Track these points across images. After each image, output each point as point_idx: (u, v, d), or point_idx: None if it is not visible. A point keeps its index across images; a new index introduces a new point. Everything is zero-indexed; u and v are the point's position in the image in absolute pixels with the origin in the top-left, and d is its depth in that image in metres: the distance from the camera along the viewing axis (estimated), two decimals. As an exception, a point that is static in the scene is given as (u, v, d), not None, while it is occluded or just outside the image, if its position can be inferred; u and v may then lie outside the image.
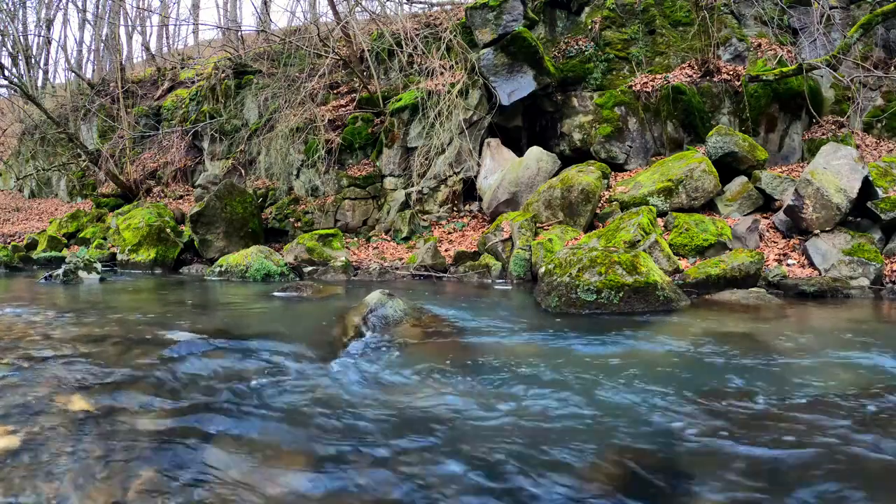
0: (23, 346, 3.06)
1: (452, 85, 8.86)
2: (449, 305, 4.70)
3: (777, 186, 7.07)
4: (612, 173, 8.45)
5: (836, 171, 6.32)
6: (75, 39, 37.13)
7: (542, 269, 5.02)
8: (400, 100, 9.33)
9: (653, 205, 7.04)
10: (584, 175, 7.51)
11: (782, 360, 3.03)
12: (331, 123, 10.02)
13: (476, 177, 8.83)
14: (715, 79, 8.53)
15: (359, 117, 10.01)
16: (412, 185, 9.09)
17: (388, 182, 9.44)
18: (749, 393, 2.50)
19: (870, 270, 5.64)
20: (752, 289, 5.31)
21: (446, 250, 7.90)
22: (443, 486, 1.71)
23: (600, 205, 7.64)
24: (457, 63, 9.27)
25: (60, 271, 6.65)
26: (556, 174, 8.00)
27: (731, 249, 6.21)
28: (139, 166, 12.81)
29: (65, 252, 10.01)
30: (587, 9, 9.74)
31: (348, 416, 2.23)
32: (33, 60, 17.05)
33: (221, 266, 7.39)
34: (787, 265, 6.07)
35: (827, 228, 6.17)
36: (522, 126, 9.44)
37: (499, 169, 8.55)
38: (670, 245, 6.34)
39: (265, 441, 1.99)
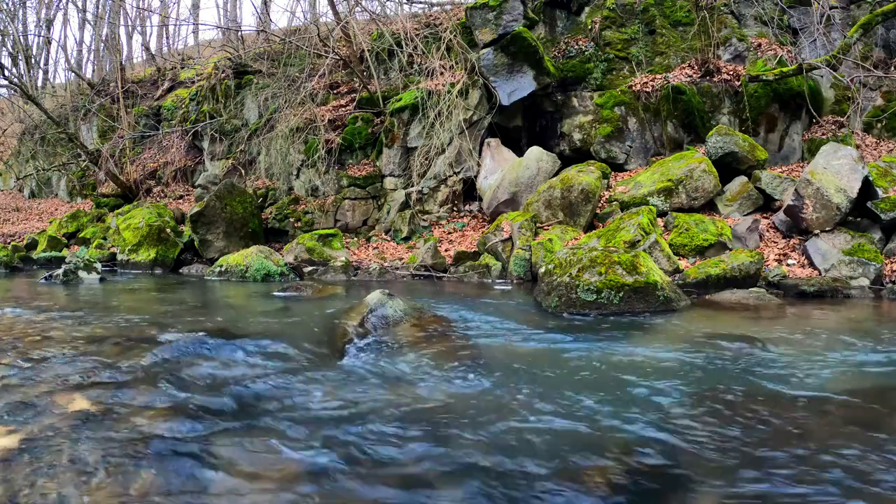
0: (23, 346, 3.06)
1: (452, 85, 8.86)
2: (449, 305, 4.70)
3: (777, 186, 7.07)
4: (612, 173, 8.45)
5: (836, 171, 6.32)
6: (75, 39, 37.13)
7: (542, 269, 5.02)
8: (400, 100, 9.33)
9: (653, 205, 7.04)
10: (584, 175, 7.51)
11: (782, 361, 3.03)
12: (331, 123, 10.01)
13: (476, 177, 8.83)
14: (715, 79, 8.53)
15: (359, 117, 10.01)
16: (412, 185, 9.09)
17: (388, 182, 9.44)
18: (749, 393, 2.50)
19: (870, 270, 5.64)
20: (752, 289, 5.31)
21: (446, 250, 7.90)
22: (441, 485, 1.71)
23: (600, 205, 7.64)
24: (457, 63, 9.27)
25: (60, 271, 6.65)
26: (556, 174, 7.99)
27: (731, 249, 6.21)
28: (139, 166, 12.80)
29: (65, 252, 10.01)
30: (587, 9, 9.74)
31: (348, 415, 2.23)
32: (33, 60, 17.04)
33: (221, 266, 7.39)
34: (787, 265, 6.07)
35: (827, 228, 6.17)
36: (522, 126, 9.43)
37: (499, 169, 8.55)
38: (670, 245, 6.34)
39: (266, 440, 1.99)
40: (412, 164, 9.15)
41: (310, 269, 7.45)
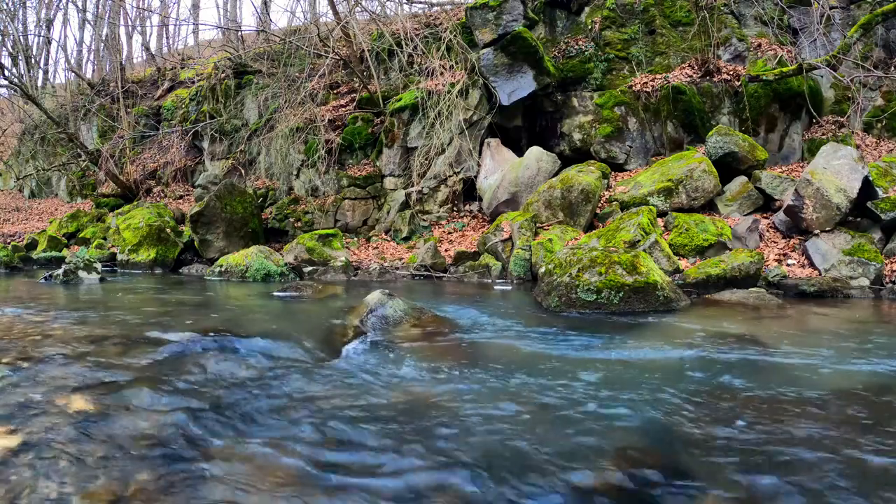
0: (23, 346, 3.06)
1: (452, 85, 8.86)
2: (449, 305, 4.70)
3: (777, 186, 7.07)
4: (612, 173, 8.45)
5: (836, 171, 6.32)
6: (75, 39, 37.12)
7: (542, 269, 5.02)
8: (400, 100, 9.33)
9: (653, 205, 7.04)
10: (584, 175, 7.51)
11: (782, 361, 3.03)
12: (331, 123, 10.01)
13: (476, 177, 8.83)
14: (715, 79, 8.53)
15: (359, 117, 10.01)
16: (412, 185, 9.09)
17: (388, 182, 9.44)
18: (748, 393, 2.50)
19: (870, 270, 5.64)
20: (752, 289, 5.31)
21: (446, 250, 7.90)
22: (439, 484, 1.71)
23: (600, 205, 7.64)
24: (457, 63, 9.27)
25: (60, 271, 6.65)
26: (556, 174, 8.00)
27: (731, 249, 6.21)
28: (139, 166, 12.80)
29: (65, 252, 10.01)
30: (587, 9, 9.73)
31: (348, 415, 2.23)
32: (33, 60, 17.03)
33: (221, 266, 7.39)
34: (787, 265, 6.07)
35: (827, 228, 6.17)
36: (522, 126, 9.43)
37: (499, 169, 8.55)
38: (670, 245, 6.34)
39: (265, 440, 1.99)
40: (412, 164, 9.15)
41: (310, 269, 7.45)
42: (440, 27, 9.86)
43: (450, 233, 8.58)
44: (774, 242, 6.54)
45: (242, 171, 11.25)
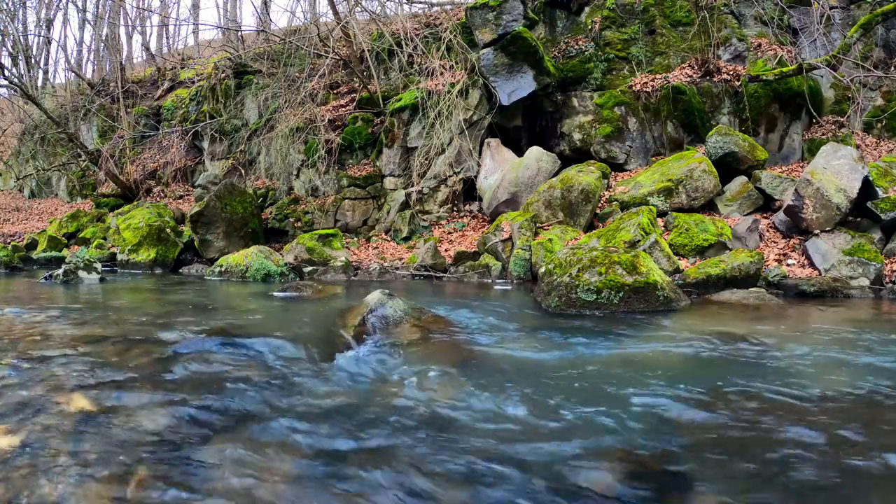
0: (23, 346, 3.06)
1: (452, 85, 8.86)
2: (449, 305, 4.70)
3: (777, 186, 7.07)
4: (612, 173, 8.45)
5: (836, 171, 6.32)
6: (75, 39, 37.12)
7: (542, 269, 5.02)
8: (400, 100, 9.33)
9: (653, 205, 7.04)
10: (584, 175, 7.51)
11: (782, 361, 3.03)
12: (331, 123, 10.01)
13: (476, 177, 8.83)
14: (715, 79, 8.53)
15: (359, 117, 10.01)
16: (412, 185, 9.09)
17: (388, 182, 9.44)
18: (748, 393, 2.50)
19: (870, 270, 5.64)
20: (752, 289, 5.31)
21: (446, 250, 7.90)
22: (434, 484, 1.71)
23: (600, 205, 7.64)
24: (457, 63, 9.27)
25: (60, 271, 6.65)
26: (556, 174, 8.00)
27: (731, 249, 6.21)
28: (139, 166, 12.80)
29: (65, 252, 10.01)
30: (587, 9, 9.73)
31: (347, 415, 2.23)
32: (33, 60, 17.03)
33: (221, 266, 7.39)
34: (787, 265, 6.07)
35: (827, 228, 6.17)
36: (522, 126, 9.43)
37: (499, 169, 8.55)
38: (670, 245, 6.34)
39: (264, 440, 1.99)
40: (412, 164, 9.15)
41: (310, 269, 7.45)
42: (440, 27, 9.86)
43: (450, 233, 8.58)
44: (774, 242, 6.54)
45: (242, 171, 11.26)
